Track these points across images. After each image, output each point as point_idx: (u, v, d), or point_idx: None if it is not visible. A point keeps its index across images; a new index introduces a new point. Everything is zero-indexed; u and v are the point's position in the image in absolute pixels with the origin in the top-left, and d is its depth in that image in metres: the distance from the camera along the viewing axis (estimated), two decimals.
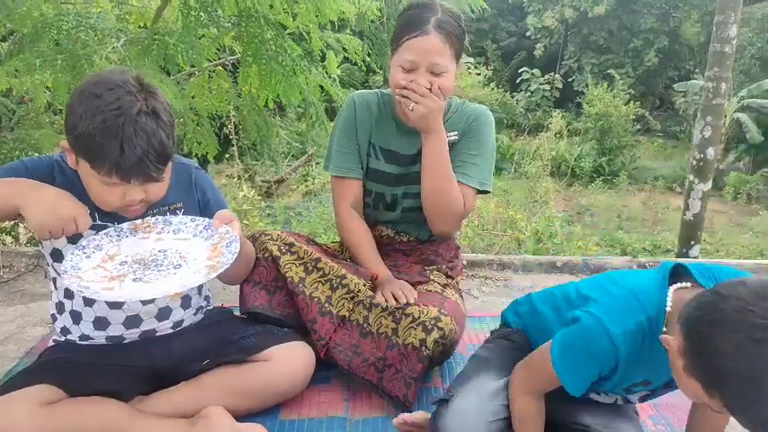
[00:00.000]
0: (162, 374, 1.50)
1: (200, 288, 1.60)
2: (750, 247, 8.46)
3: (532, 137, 11.88)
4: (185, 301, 1.55)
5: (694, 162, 4.07)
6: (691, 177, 4.13)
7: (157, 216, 1.43)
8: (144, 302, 1.46)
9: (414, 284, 1.72)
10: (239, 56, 4.00)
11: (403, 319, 1.54)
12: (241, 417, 1.45)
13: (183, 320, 1.55)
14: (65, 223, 1.26)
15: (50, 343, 1.54)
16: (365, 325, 1.58)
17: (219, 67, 3.98)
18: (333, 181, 1.84)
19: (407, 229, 1.84)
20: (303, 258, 1.65)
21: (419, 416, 1.45)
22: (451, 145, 1.72)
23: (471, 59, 14.39)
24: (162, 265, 1.33)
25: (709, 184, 4.10)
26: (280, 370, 1.51)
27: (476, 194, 1.74)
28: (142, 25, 3.96)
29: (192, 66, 3.53)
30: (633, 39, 15.58)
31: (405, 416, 1.46)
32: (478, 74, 14.81)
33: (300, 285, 1.61)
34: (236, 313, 1.73)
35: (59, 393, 1.33)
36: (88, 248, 1.34)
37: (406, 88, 1.59)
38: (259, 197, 8.21)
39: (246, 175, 8.89)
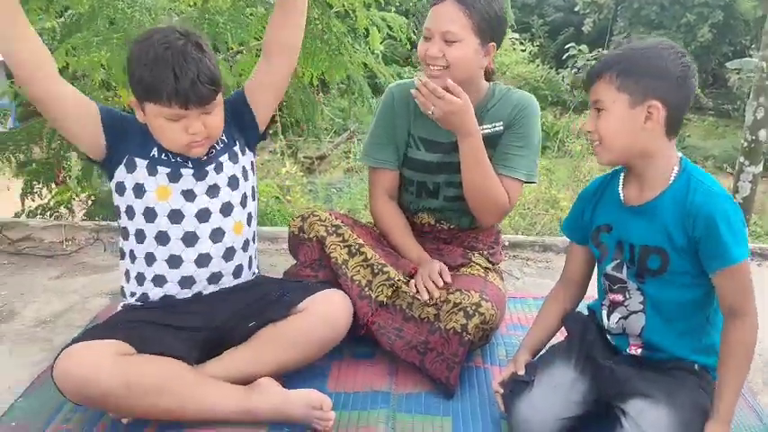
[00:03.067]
0: (213, 339, 1.57)
1: (249, 262, 1.68)
2: None
3: (578, 114, 11.63)
4: (247, 246, 1.65)
5: (745, 144, 3.96)
6: (741, 159, 4.02)
7: None
8: (214, 240, 1.57)
9: (456, 267, 1.75)
10: None
11: (444, 304, 1.57)
12: (290, 383, 1.52)
13: (241, 267, 1.64)
14: None
15: (119, 308, 1.63)
16: (407, 311, 1.62)
17: None
18: (369, 171, 1.87)
19: (449, 216, 1.86)
20: (348, 241, 1.69)
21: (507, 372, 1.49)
22: (496, 135, 1.73)
23: (516, 35, 14.09)
24: None
25: (761, 167, 4.00)
26: (317, 316, 1.56)
27: (522, 185, 1.75)
28: (192, 4, 4.04)
29: (240, 44, 3.60)
30: (686, 13, 14.99)
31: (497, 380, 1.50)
32: (523, 50, 14.51)
33: (343, 267, 1.65)
34: None
35: (130, 350, 1.42)
36: None
37: (419, 91, 1.60)
38: (301, 173, 8.32)
39: (289, 152, 8.98)
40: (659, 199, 1.32)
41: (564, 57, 15.53)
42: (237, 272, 1.64)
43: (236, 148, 1.62)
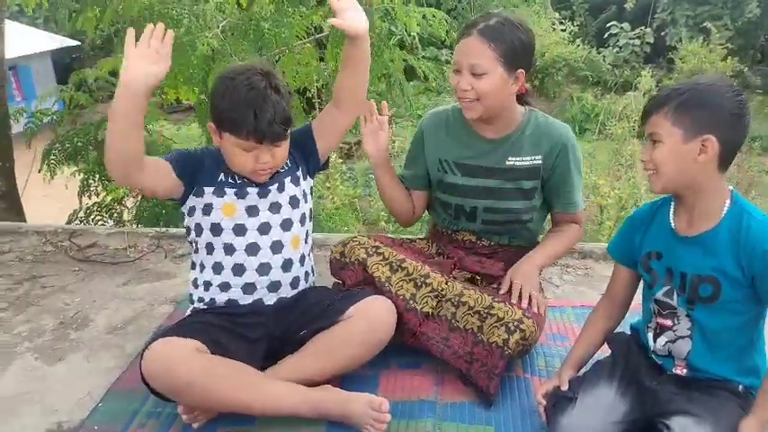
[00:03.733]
0: (271, 348, 1.71)
1: (306, 276, 1.82)
2: None
3: (619, 95, 11.41)
4: (303, 260, 1.80)
5: None
6: None
7: None
8: (274, 251, 1.73)
9: (498, 278, 1.85)
10: (327, 33, 4.15)
11: (488, 318, 1.67)
12: (345, 386, 1.65)
13: (298, 279, 1.79)
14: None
15: (188, 312, 1.79)
16: (452, 321, 1.71)
17: (308, 44, 4.13)
18: None
19: (489, 236, 1.93)
20: (388, 259, 1.79)
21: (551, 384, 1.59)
22: (534, 168, 1.82)
23: (556, 15, 13.85)
24: None
25: None
26: (363, 320, 1.67)
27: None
28: (237, 8, 4.15)
29: (284, 44, 3.70)
30: None
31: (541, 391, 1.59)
32: (563, 30, 14.26)
33: (387, 284, 1.75)
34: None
35: (206, 349, 1.57)
36: None
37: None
38: (340, 160, 8.42)
39: None
40: (714, 231, 1.37)
41: (605, 36, 15.22)
42: (295, 283, 1.78)
43: (299, 173, 1.81)
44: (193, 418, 1.60)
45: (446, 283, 1.76)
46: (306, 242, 1.82)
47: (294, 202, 1.77)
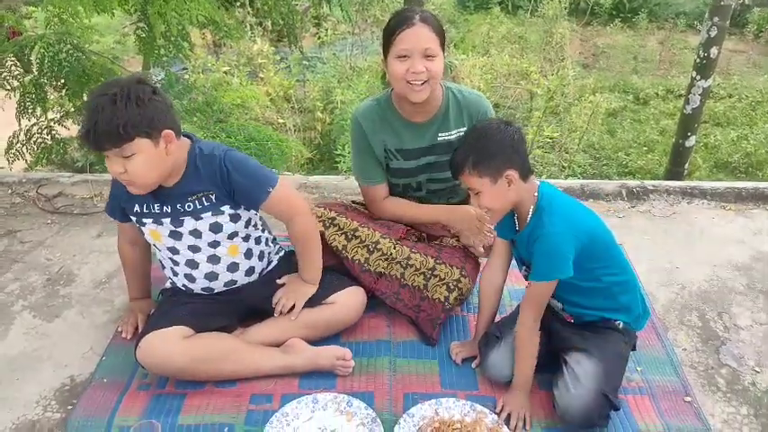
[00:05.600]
0: (254, 310, 2.02)
1: (261, 258, 2.03)
2: (764, 92, 8.56)
3: None
4: (250, 255, 1.99)
5: (698, 60, 4.24)
6: (693, 74, 4.32)
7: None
8: (213, 262, 1.92)
9: (439, 237, 2.17)
10: None
11: (432, 278, 2.01)
12: (313, 342, 1.97)
13: (253, 268, 2.01)
14: None
15: (167, 284, 2.05)
16: (402, 279, 2.05)
17: None
18: (362, 188, 2.20)
19: (432, 199, 2.21)
20: (343, 229, 2.07)
21: (468, 342, 2.02)
22: (461, 137, 2.01)
23: None
24: None
25: (710, 81, 4.31)
26: (342, 309, 2.01)
27: None
28: None
29: None
30: None
31: (456, 343, 2.02)
32: None
33: (344, 251, 2.05)
34: None
35: (191, 331, 1.87)
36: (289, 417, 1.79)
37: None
38: (273, 49, 8.23)
39: (257, 21, 8.77)
40: (524, 232, 1.78)
41: None
42: (250, 271, 2.00)
43: (224, 207, 1.85)
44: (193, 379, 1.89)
45: (395, 248, 2.06)
46: (246, 241, 1.96)
47: (216, 227, 1.86)
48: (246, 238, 1.96)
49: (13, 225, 2.66)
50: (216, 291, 1.98)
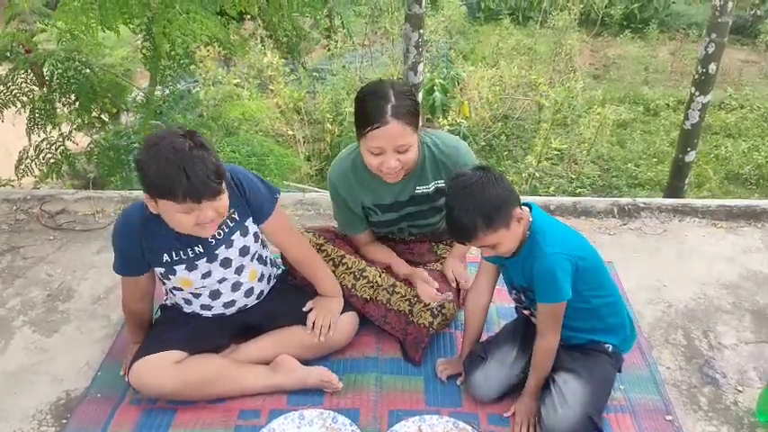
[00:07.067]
0: (248, 327, 2.06)
1: (268, 282, 2.10)
2: None
3: None
4: (262, 278, 2.05)
5: (696, 76, 4.25)
6: (692, 90, 4.33)
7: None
8: (234, 289, 1.97)
9: (425, 263, 2.21)
10: None
11: (417, 304, 2.06)
12: (303, 362, 2.00)
13: (263, 291, 2.08)
14: None
15: (167, 302, 2.08)
16: (388, 305, 2.09)
17: None
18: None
19: (419, 240, 2.27)
20: (331, 255, 2.13)
21: (454, 359, 2.05)
22: (440, 188, 2.03)
23: None
24: None
25: (710, 97, 4.32)
26: (336, 334, 2.04)
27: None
28: None
29: None
30: None
31: (442, 360, 2.05)
32: None
33: None
34: None
35: (183, 354, 1.91)
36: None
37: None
38: (283, 60, 8.31)
39: (267, 34, 8.85)
40: (517, 258, 1.79)
41: None
42: (260, 295, 2.08)
43: (247, 223, 1.91)
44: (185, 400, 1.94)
45: (380, 276, 2.12)
46: (264, 264, 2.05)
47: (244, 251, 1.91)
48: (261, 260, 2.03)
49: (16, 241, 2.74)
50: (227, 315, 2.03)
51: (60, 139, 4.46)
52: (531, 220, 1.76)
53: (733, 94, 8.84)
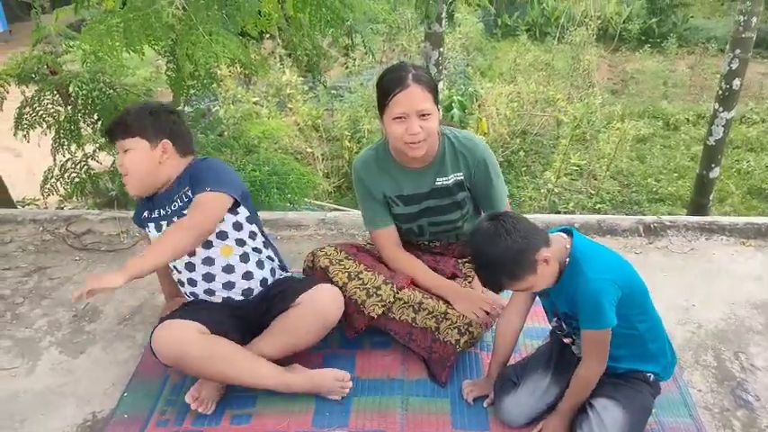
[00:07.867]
0: (248, 324, 2.07)
1: (272, 272, 2.16)
2: None
3: None
4: (247, 260, 2.08)
5: (720, 91, 4.21)
6: (716, 106, 4.29)
7: None
8: (208, 264, 2.04)
9: (449, 277, 2.20)
10: None
11: (444, 321, 2.04)
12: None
13: (263, 278, 2.13)
14: None
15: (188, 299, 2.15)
16: (414, 323, 2.08)
17: None
18: (372, 235, 2.24)
19: (439, 239, 2.27)
20: (348, 269, 2.12)
21: (480, 381, 2.02)
22: (458, 182, 2.10)
23: None
24: None
25: (733, 113, 4.28)
26: (308, 309, 1.99)
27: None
28: None
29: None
30: None
31: (468, 382, 2.03)
32: None
33: (344, 288, 2.09)
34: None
35: (206, 330, 1.93)
36: None
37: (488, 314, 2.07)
38: (301, 78, 8.39)
39: (286, 53, 8.93)
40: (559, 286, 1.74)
41: None
42: (248, 276, 2.08)
43: None
44: (201, 405, 1.97)
45: (395, 295, 2.08)
46: (241, 246, 2.06)
47: None
48: (240, 243, 2.07)
49: (43, 262, 2.78)
50: (218, 294, 2.07)
51: (84, 159, 4.53)
52: (569, 247, 1.71)
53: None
